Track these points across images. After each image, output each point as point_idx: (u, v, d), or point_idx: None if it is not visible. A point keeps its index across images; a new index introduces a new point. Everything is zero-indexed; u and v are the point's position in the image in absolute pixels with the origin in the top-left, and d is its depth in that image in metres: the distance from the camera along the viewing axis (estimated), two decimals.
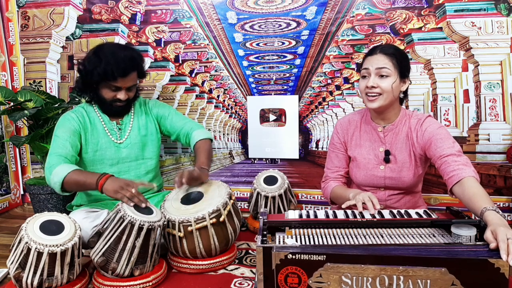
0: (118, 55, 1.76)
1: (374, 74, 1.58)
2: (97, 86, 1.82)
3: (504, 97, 2.14)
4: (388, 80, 1.57)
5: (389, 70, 1.56)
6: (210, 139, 1.99)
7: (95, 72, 1.75)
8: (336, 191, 1.75)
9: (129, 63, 1.79)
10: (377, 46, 1.64)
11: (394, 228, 1.34)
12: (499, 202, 2.19)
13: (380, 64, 1.57)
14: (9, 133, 2.70)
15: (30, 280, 1.37)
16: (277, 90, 2.48)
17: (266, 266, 1.11)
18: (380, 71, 1.57)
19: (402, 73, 1.60)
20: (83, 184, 1.66)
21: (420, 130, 1.63)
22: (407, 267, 1.05)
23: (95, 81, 1.79)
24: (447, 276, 1.04)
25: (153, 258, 1.55)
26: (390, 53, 1.58)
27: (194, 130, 2.00)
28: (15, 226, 2.32)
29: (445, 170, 1.47)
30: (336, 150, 1.83)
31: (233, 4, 2.34)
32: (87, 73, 1.78)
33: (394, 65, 1.57)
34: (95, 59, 1.76)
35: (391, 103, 1.63)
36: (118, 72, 1.75)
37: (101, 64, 1.74)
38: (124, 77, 1.78)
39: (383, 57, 1.58)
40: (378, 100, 1.59)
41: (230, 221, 1.69)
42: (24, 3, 2.61)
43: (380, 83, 1.57)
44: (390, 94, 1.58)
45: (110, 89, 1.81)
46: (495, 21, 2.08)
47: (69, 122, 1.84)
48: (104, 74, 1.74)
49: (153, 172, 2.05)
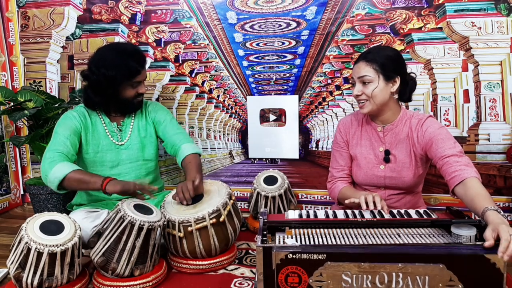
0: (127, 50, 1.82)
1: (358, 82, 1.64)
2: (117, 88, 1.81)
3: (504, 97, 2.14)
4: (370, 86, 1.61)
5: (369, 77, 1.60)
6: (199, 154, 1.95)
7: (118, 74, 1.75)
8: (345, 193, 1.74)
9: (139, 53, 1.85)
10: (362, 53, 1.68)
11: (394, 228, 1.34)
12: (499, 202, 2.19)
13: (361, 72, 1.61)
14: (9, 133, 2.70)
15: (30, 280, 1.38)
16: (277, 90, 2.48)
17: (266, 266, 1.12)
18: (362, 79, 1.61)
19: (387, 76, 1.60)
20: (87, 182, 1.66)
21: (421, 130, 1.63)
22: (406, 264, 1.06)
23: (116, 85, 1.79)
24: (445, 272, 1.06)
25: (153, 258, 1.55)
26: (370, 59, 1.60)
27: (183, 143, 1.95)
28: (15, 226, 2.32)
29: (447, 171, 1.47)
30: (340, 149, 1.83)
31: (233, 4, 2.34)
32: (106, 80, 1.76)
33: (376, 70, 1.59)
34: (111, 64, 1.75)
35: (383, 105, 1.65)
36: (139, 63, 1.80)
37: (122, 64, 1.76)
38: (143, 68, 1.84)
39: (364, 64, 1.61)
40: (366, 106, 1.64)
41: (230, 221, 1.69)
42: (24, 3, 2.61)
43: (364, 90, 1.62)
44: (376, 98, 1.61)
45: (132, 86, 1.83)
46: (495, 21, 2.08)
47: (70, 120, 1.84)
48: (129, 72, 1.78)
49: (154, 174, 2.05)
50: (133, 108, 1.94)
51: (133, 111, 1.96)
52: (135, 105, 1.91)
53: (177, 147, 1.96)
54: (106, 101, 1.86)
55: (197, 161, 1.89)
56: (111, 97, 1.84)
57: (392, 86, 1.63)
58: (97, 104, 1.88)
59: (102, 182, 1.63)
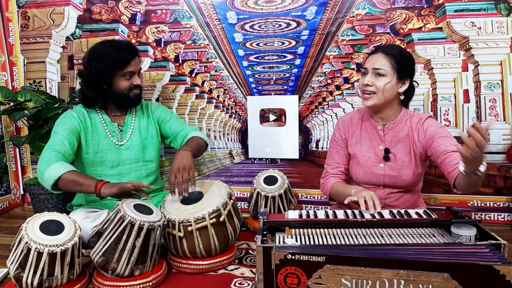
0: (119, 43, 1.87)
1: (371, 73, 1.62)
2: (111, 81, 1.81)
3: (504, 97, 2.14)
4: (383, 80, 1.60)
5: (385, 71, 1.59)
6: (205, 141, 1.98)
7: (108, 64, 1.77)
8: (336, 188, 1.76)
9: (131, 45, 1.89)
10: (381, 46, 1.68)
11: (394, 228, 1.34)
12: (499, 202, 2.19)
13: (377, 64, 1.61)
14: (9, 133, 2.70)
15: (30, 280, 1.37)
16: (277, 90, 2.48)
17: (266, 266, 1.12)
18: (377, 71, 1.60)
19: (401, 74, 1.61)
20: (81, 184, 1.65)
21: (422, 129, 1.65)
22: (408, 271, 1.03)
23: (108, 77, 1.80)
24: (450, 281, 1.02)
25: (153, 258, 1.55)
26: (390, 54, 1.61)
27: (192, 131, 2.01)
28: (15, 226, 2.32)
29: (450, 163, 1.48)
30: (337, 147, 1.83)
31: (233, 4, 2.34)
32: (97, 72, 1.77)
33: (392, 65, 1.60)
34: (101, 55, 1.78)
35: (387, 102, 1.65)
36: (130, 53, 1.81)
37: (111, 53, 1.77)
38: (134, 58, 1.83)
39: (382, 56, 1.61)
40: (371, 98, 1.63)
41: (230, 221, 1.69)
42: (24, 3, 2.61)
43: (375, 82, 1.61)
44: (384, 93, 1.61)
45: (125, 77, 1.82)
46: (495, 21, 2.08)
47: (69, 120, 1.84)
48: (118, 60, 1.78)
49: (154, 175, 2.05)
50: (130, 102, 1.89)
51: (131, 105, 1.93)
52: (131, 98, 1.87)
53: (186, 136, 1.99)
54: (101, 96, 1.85)
55: (197, 140, 1.93)
56: (106, 91, 1.83)
57: (401, 86, 1.64)
58: (92, 100, 1.86)
59: (95, 185, 1.61)
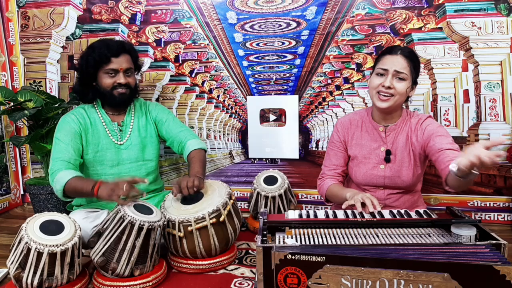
0: (108, 41, 1.89)
1: (392, 75, 1.58)
2: (96, 77, 1.86)
3: (504, 97, 2.14)
4: (403, 84, 1.59)
5: (406, 75, 1.58)
6: (204, 150, 1.98)
7: (90, 60, 1.81)
8: (332, 189, 1.76)
9: (119, 44, 1.89)
10: (397, 46, 1.67)
11: (394, 228, 1.34)
12: (499, 202, 2.19)
13: (399, 67, 1.57)
14: (9, 133, 2.70)
15: (30, 280, 1.38)
16: (277, 90, 2.48)
17: (266, 266, 1.12)
18: (398, 74, 1.58)
19: (414, 79, 1.63)
20: (81, 193, 1.68)
21: (420, 129, 1.65)
22: (408, 271, 1.03)
23: (93, 72, 1.83)
24: (450, 281, 1.02)
25: (153, 258, 1.55)
26: (408, 57, 1.59)
27: (189, 140, 1.98)
28: (15, 226, 2.32)
29: (443, 160, 1.47)
30: (335, 148, 1.83)
31: (233, 4, 2.34)
32: (84, 66, 1.83)
33: (411, 70, 1.60)
34: (87, 51, 1.86)
35: (399, 105, 1.66)
36: (110, 52, 1.81)
37: (95, 51, 1.82)
38: (116, 57, 1.83)
39: (403, 59, 1.58)
40: (389, 101, 1.60)
41: (230, 221, 1.69)
42: (24, 3, 2.61)
43: (396, 85, 1.58)
44: (401, 97, 1.60)
45: (109, 74, 1.84)
46: (495, 21, 2.08)
47: (69, 124, 1.84)
48: (99, 57, 1.80)
49: (154, 174, 2.05)
50: (114, 100, 1.87)
51: (116, 105, 1.92)
52: (115, 97, 1.86)
53: (183, 144, 1.98)
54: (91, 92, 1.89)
55: (201, 157, 1.91)
56: (94, 88, 1.87)
57: (411, 90, 1.65)
58: (83, 95, 1.91)
59: (92, 190, 1.60)
